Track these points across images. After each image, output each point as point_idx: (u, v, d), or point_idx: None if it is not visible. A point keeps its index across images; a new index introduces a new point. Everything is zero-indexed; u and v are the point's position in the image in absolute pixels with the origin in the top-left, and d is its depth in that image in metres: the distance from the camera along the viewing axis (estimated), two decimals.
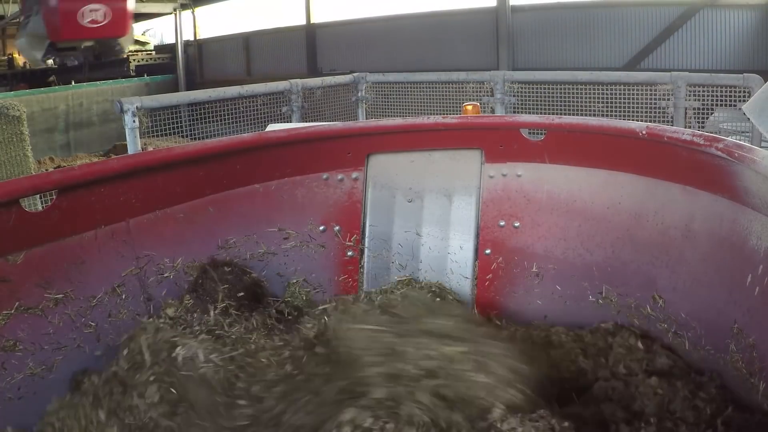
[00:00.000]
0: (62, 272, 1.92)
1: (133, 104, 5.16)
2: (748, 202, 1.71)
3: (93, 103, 11.52)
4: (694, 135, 1.85)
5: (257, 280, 2.31)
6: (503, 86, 6.61)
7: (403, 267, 2.50)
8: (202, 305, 2.09)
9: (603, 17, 9.54)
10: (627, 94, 6.05)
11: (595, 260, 2.22)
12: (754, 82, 5.23)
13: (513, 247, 2.39)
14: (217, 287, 2.15)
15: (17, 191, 1.78)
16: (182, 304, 2.10)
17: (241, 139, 2.36)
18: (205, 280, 2.17)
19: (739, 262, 1.73)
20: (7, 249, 1.79)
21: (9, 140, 4.58)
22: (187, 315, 2.06)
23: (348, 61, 11.77)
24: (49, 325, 1.88)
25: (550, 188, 2.34)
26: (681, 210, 1.98)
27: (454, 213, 2.49)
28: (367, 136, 2.51)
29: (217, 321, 2.05)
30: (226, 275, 2.21)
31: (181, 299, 2.13)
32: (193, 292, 2.15)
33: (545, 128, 2.31)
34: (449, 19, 11.04)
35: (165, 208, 2.16)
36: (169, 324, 2.01)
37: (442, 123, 2.47)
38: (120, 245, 2.06)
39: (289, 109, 6.54)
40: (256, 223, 2.37)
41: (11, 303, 1.80)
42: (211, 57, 15.25)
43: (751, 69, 6.26)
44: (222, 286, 2.17)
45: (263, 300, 2.29)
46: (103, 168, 2.02)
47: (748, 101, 2.42)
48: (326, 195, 2.48)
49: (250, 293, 2.24)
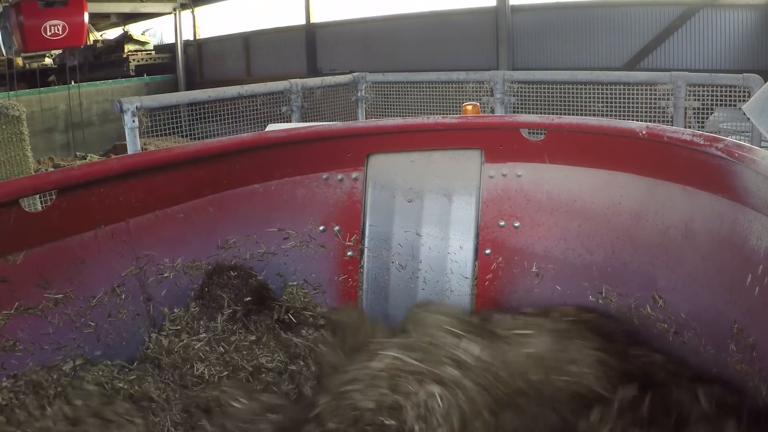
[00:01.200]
0: (62, 272, 1.91)
1: (132, 104, 5.16)
2: (748, 202, 1.71)
3: (93, 103, 11.53)
4: (694, 135, 1.85)
5: (263, 283, 2.30)
6: (503, 86, 6.61)
7: (403, 267, 2.50)
8: (208, 312, 2.10)
9: (603, 17, 9.54)
10: (627, 94, 6.05)
11: (595, 260, 2.22)
12: (754, 82, 5.23)
13: (513, 247, 2.39)
14: (223, 293, 2.15)
15: (17, 191, 1.78)
16: (188, 312, 2.11)
17: (241, 139, 2.36)
18: (210, 287, 2.17)
19: (739, 262, 1.73)
20: (7, 249, 1.79)
21: (9, 140, 4.59)
22: (194, 322, 2.07)
23: (348, 61, 11.77)
24: (49, 325, 1.87)
25: (550, 188, 2.34)
26: (681, 210, 1.98)
27: (454, 213, 2.49)
28: (367, 136, 2.51)
29: (225, 328, 2.06)
30: (231, 280, 2.20)
31: (187, 307, 2.14)
32: (199, 299, 2.15)
33: (545, 128, 2.31)
34: (449, 19, 11.04)
35: (165, 208, 2.16)
36: (173, 333, 2.02)
37: (442, 123, 2.47)
38: (120, 245, 2.06)
39: (288, 109, 6.54)
40: (256, 223, 2.37)
41: (11, 303, 1.80)
42: (210, 57, 15.25)
43: (751, 69, 6.26)
44: (228, 291, 2.17)
45: (269, 303, 2.28)
46: (103, 168, 2.02)
47: (748, 101, 2.42)
48: (326, 195, 2.48)
49: (256, 297, 2.23)
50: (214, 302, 2.13)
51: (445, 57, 10.74)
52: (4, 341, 1.78)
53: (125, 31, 15.74)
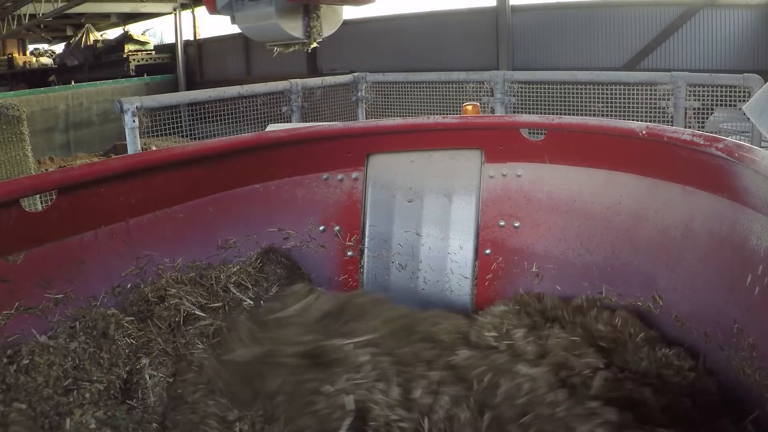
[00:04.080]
0: (62, 272, 1.92)
1: (132, 104, 5.16)
2: (748, 202, 1.71)
3: (93, 103, 11.54)
4: (694, 135, 1.85)
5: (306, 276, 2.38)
6: (503, 86, 6.61)
7: (403, 267, 2.50)
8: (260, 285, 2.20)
9: (603, 17, 9.54)
10: (627, 94, 6.05)
11: (595, 260, 2.22)
12: (754, 82, 5.23)
13: (513, 247, 2.39)
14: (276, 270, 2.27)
15: (17, 191, 1.78)
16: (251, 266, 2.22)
17: (241, 139, 2.36)
18: (266, 262, 2.28)
19: (739, 262, 1.73)
20: (7, 249, 1.79)
21: (9, 140, 4.58)
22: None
23: (348, 61, 11.76)
24: (49, 325, 1.87)
25: (550, 188, 2.34)
26: (681, 210, 1.98)
27: (454, 213, 2.49)
28: (367, 136, 2.51)
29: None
30: (282, 260, 2.33)
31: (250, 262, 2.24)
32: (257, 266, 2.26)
33: (545, 128, 2.31)
34: (449, 19, 11.05)
35: (165, 208, 2.16)
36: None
37: (442, 123, 2.47)
38: (120, 245, 2.06)
39: (288, 109, 6.54)
40: (256, 223, 2.37)
41: (11, 303, 1.80)
42: (211, 57, 15.25)
43: (751, 69, 6.26)
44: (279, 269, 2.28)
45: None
46: (103, 168, 2.02)
47: (748, 101, 2.42)
48: (326, 195, 2.48)
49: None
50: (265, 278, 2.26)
51: (445, 57, 10.73)
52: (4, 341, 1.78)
53: (125, 31, 15.75)
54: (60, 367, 1.70)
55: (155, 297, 2.02)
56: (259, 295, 2.16)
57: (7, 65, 16.28)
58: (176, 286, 2.08)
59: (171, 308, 1.99)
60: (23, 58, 17.32)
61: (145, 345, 1.88)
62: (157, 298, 2.03)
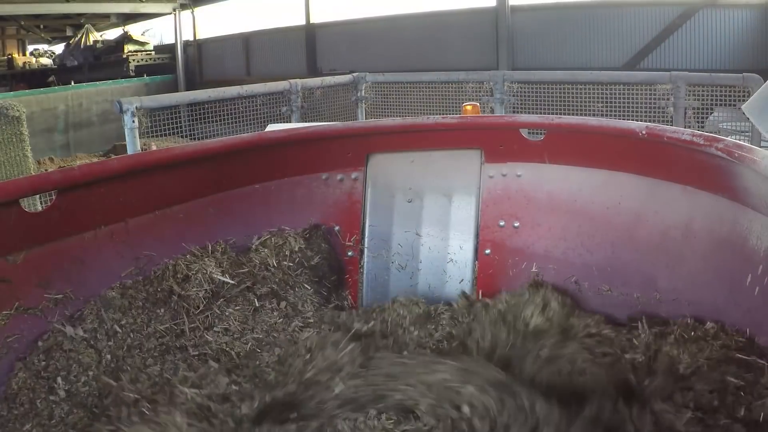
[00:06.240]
0: (62, 272, 1.91)
1: (132, 104, 5.15)
2: (748, 202, 1.71)
3: (93, 103, 11.51)
4: (694, 135, 1.85)
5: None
6: (503, 86, 6.61)
7: (402, 267, 2.50)
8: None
9: (603, 17, 9.53)
10: (627, 94, 6.04)
11: (595, 260, 2.22)
12: (754, 82, 5.22)
13: (513, 247, 2.39)
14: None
15: (17, 191, 1.78)
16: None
17: (241, 139, 2.36)
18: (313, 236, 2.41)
19: (739, 262, 1.73)
20: (7, 249, 1.79)
21: (9, 140, 4.57)
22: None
23: (348, 61, 11.74)
24: (49, 325, 1.87)
25: (550, 188, 2.34)
26: (681, 210, 1.98)
27: (453, 213, 2.49)
28: (367, 136, 2.51)
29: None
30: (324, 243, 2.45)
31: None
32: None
33: (545, 128, 2.31)
34: (449, 19, 11.03)
35: (165, 208, 2.16)
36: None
37: (442, 123, 2.47)
38: (120, 245, 2.06)
39: (288, 109, 6.53)
40: (256, 223, 2.37)
41: (11, 303, 1.80)
42: (210, 57, 15.23)
43: (751, 69, 6.25)
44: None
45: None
46: (103, 168, 2.02)
47: (748, 101, 2.42)
48: (326, 195, 2.48)
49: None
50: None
51: (445, 57, 10.72)
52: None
53: (125, 32, 15.73)
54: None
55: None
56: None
57: (6, 66, 16.25)
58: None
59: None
60: (23, 58, 17.30)
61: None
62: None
